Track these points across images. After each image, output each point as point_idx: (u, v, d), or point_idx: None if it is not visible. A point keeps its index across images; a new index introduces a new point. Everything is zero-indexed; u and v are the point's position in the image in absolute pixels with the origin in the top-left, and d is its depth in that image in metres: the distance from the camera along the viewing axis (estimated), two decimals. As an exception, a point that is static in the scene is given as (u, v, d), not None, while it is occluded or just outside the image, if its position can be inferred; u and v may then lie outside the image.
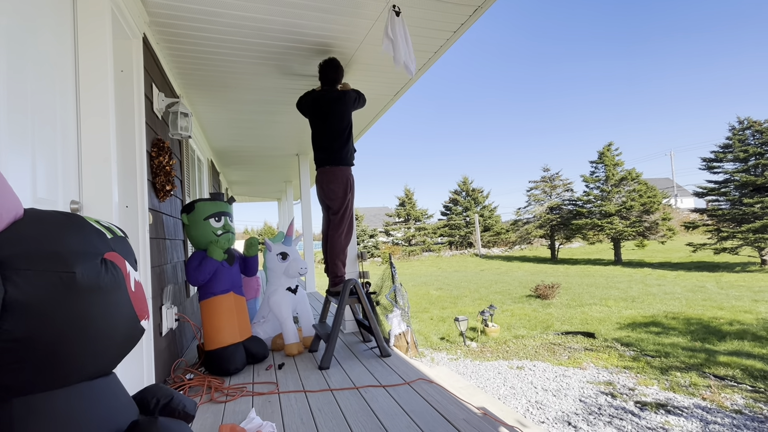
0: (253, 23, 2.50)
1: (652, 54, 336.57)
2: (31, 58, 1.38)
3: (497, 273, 16.21)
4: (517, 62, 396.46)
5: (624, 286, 11.07)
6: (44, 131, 1.46)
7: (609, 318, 7.74)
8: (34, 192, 1.38)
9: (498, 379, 5.16)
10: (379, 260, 23.87)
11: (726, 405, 4.10)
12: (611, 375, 5.09)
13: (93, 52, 1.78)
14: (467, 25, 2.68)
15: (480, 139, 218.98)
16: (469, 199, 28.44)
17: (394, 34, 2.30)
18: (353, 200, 3.08)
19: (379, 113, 4.51)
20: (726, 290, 9.76)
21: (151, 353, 2.19)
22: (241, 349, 2.75)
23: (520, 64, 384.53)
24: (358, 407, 2.08)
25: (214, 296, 2.78)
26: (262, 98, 3.81)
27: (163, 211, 2.77)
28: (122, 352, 0.87)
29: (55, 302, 0.71)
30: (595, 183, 19.58)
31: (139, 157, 2.19)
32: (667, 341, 6.20)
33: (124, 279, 0.85)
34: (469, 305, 9.72)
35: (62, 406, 0.76)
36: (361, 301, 2.93)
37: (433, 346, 6.74)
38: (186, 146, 3.77)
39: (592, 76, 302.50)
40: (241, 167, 7.19)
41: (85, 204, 1.74)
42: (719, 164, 15.57)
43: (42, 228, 0.76)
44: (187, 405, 1.07)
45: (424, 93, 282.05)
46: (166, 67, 2.97)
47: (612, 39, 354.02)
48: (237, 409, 2.12)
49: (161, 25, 2.46)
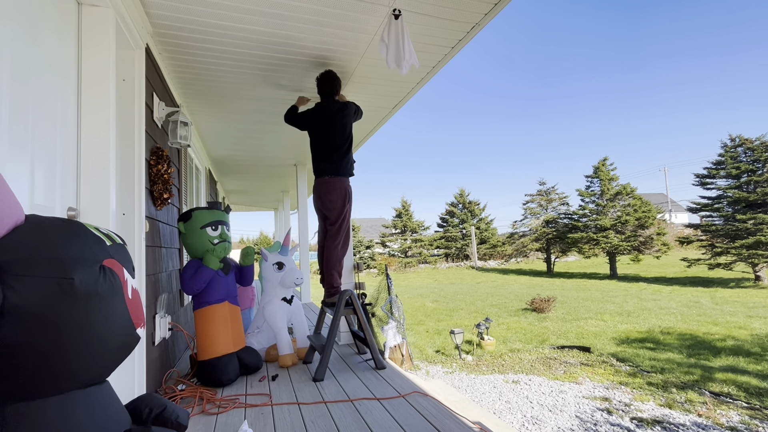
0: (254, 35, 2.54)
1: (647, 70, 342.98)
2: (35, 66, 1.40)
3: (493, 286, 16.18)
4: (515, 77, 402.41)
5: (619, 301, 11.07)
6: (44, 138, 1.47)
7: (605, 332, 7.72)
8: (32, 198, 1.38)
9: (493, 393, 5.12)
10: (375, 272, 23.76)
11: (722, 422, 4.08)
12: (607, 390, 5.06)
13: (96, 61, 1.80)
14: (465, 41, 2.74)
15: (477, 152, 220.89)
16: (465, 212, 28.53)
17: (388, 38, 2.36)
18: (351, 211, 3.09)
19: (378, 125, 4.56)
20: (721, 306, 9.79)
21: (143, 363, 2.16)
22: (235, 360, 2.72)
23: (517, 79, 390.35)
24: (352, 420, 2.05)
25: (208, 305, 2.76)
26: (261, 109, 3.84)
27: (160, 219, 2.76)
28: (117, 360, 0.86)
29: (53, 308, 0.72)
30: (590, 197, 19.75)
31: (137, 164, 2.20)
32: (663, 356, 6.18)
33: (121, 286, 0.85)
34: (465, 318, 9.68)
35: (55, 414, 0.75)
36: (356, 312, 2.92)
37: (429, 359, 6.68)
38: (185, 155, 3.78)
39: (587, 92, 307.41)
40: (239, 177, 7.20)
41: (83, 211, 1.74)
42: (712, 180, 15.77)
43: (42, 234, 0.76)
44: (180, 415, 1.06)
45: (422, 105, 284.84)
46: (167, 76, 3.00)
47: (609, 55, 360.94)
48: (229, 421, 2.09)
49: (164, 36, 2.50)
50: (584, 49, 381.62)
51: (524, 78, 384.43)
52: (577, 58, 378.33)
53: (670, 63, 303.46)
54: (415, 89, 3.55)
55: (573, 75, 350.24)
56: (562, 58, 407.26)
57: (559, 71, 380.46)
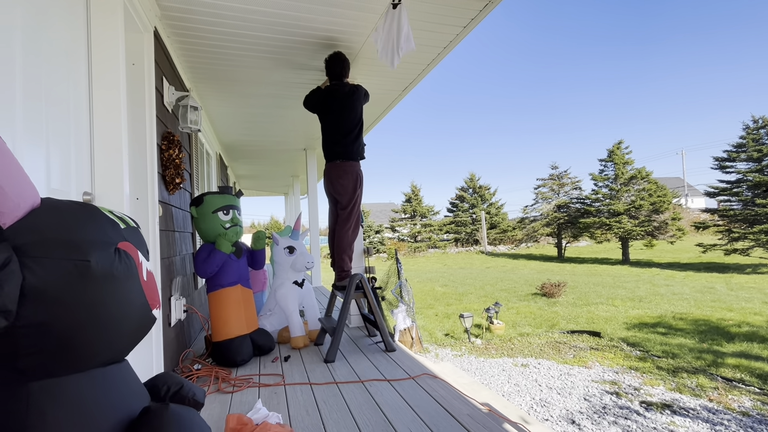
0: (262, 17, 2.50)
1: (666, 53, 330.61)
2: (46, 51, 1.40)
3: (503, 270, 16.15)
4: (528, 60, 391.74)
5: (631, 286, 10.97)
6: (58, 123, 1.48)
7: (615, 317, 7.69)
8: (48, 183, 1.41)
9: (502, 376, 5.17)
10: (384, 256, 23.90)
11: (733, 407, 4.06)
12: (617, 375, 5.06)
13: (105, 45, 1.80)
14: (477, 20, 2.66)
15: (488, 136, 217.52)
16: (475, 196, 28.31)
17: (384, 28, 2.31)
18: (362, 196, 3.09)
19: (388, 108, 4.50)
20: (736, 292, 9.63)
21: (160, 343, 2.22)
22: (248, 341, 2.78)
23: (530, 62, 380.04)
24: (362, 400, 2.10)
25: (222, 288, 2.81)
26: (271, 92, 3.82)
27: (173, 203, 2.80)
28: (134, 339, 0.89)
29: (71, 289, 0.73)
30: (604, 181, 19.38)
31: (149, 149, 2.22)
32: (674, 342, 6.14)
33: (136, 268, 0.86)
34: (475, 302, 9.71)
35: (76, 391, 0.78)
36: (366, 295, 2.95)
37: (438, 342, 6.76)
38: (195, 140, 3.80)
39: (603, 76, 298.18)
40: (249, 161, 7.23)
41: (97, 195, 1.77)
42: (732, 164, 15.32)
43: (58, 217, 0.78)
44: (196, 393, 1.09)
45: (432, 89, 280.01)
46: (177, 60, 2.99)
47: (624, 38, 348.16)
48: (244, 400, 2.15)
49: (172, 19, 2.48)
50: (601, 31, 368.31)
51: (537, 60, 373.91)
52: (593, 40, 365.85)
53: (691, 46, 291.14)
54: (426, 70, 3.48)
55: (589, 57, 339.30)
56: (578, 41, 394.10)
57: (574, 54, 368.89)
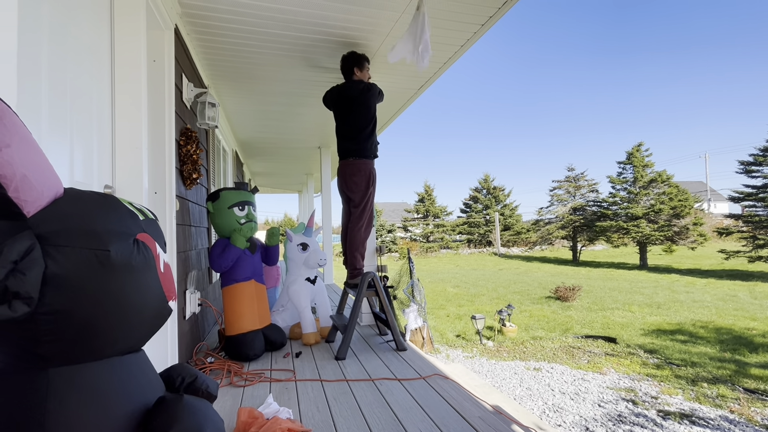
0: (281, 15, 2.52)
1: (692, 58, 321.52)
2: (71, 47, 1.44)
3: (516, 273, 15.95)
4: (541, 62, 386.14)
5: (649, 292, 10.69)
6: (81, 117, 1.52)
7: (632, 324, 7.51)
8: (72, 175, 1.44)
9: (514, 380, 5.10)
10: (396, 255, 23.88)
11: (756, 419, 3.92)
12: (633, 382, 4.94)
13: (128, 42, 1.83)
14: (496, 18, 2.62)
15: (503, 137, 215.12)
16: (489, 197, 28.03)
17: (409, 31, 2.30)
18: (374, 194, 3.09)
19: (403, 107, 4.49)
20: (760, 300, 9.29)
21: (175, 335, 2.26)
22: (261, 336, 2.81)
23: (544, 64, 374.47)
24: (373, 399, 2.09)
25: (236, 283, 2.85)
26: (288, 90, 3.85)
27: (189, 198, 2.85)
28: (151, 329, 0.90)
29: (91, 278, 0.75)
30: (622, 184, 18.94)
31: (168, 145, 2.26)
32: (695, 350, 5.96)
33: (154, 260, 0.88)
34: (487, 304, 9.62)
35: (95, 378, 0.79)
36: (378, 294, 2.94)
37: (449, 343, 6.71)
38: (212, 136, 3.86)
39: (624, 80, 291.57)
40: (264, 159, 7.31)
41: (118, 188, 1.81)
42: (758, 168, 14.78)
43: (80, 207, 0.79)
44: (210, 385, 1.11)
45: (449, 87, 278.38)
46: (196, 57, 3.04)
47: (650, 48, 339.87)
48: (255, 394, 2.17)
49: (192, 17, 2.51)
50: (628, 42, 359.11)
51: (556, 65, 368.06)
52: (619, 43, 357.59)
53: (718, 51, 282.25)
54: (442, 69, 3.45)
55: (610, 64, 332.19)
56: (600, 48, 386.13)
57: (597, 61, 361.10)
